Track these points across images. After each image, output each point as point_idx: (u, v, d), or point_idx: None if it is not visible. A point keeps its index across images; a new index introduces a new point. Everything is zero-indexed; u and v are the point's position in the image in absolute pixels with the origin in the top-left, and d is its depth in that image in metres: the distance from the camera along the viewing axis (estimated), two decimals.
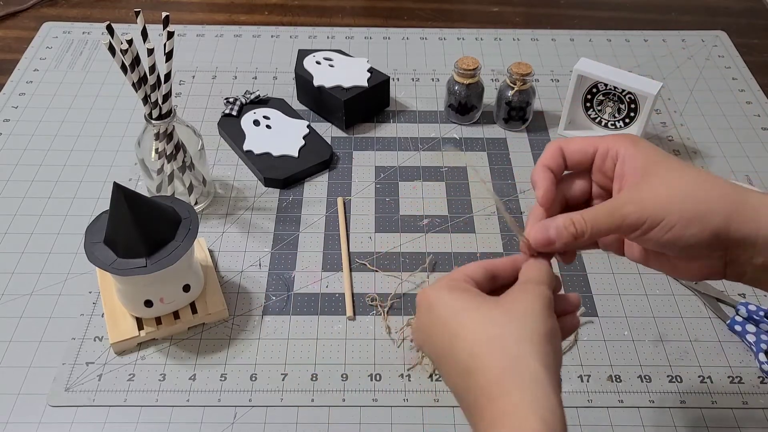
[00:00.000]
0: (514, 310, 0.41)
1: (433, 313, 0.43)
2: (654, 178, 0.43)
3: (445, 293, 0.43)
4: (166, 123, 0.71)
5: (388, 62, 1.02)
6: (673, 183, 0.43)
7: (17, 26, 1.09)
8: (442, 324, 0.42)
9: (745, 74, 1.01)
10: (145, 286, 0.63)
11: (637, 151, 0.44)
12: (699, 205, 0.42)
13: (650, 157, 0.44)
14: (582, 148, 0.47)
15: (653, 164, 0.44)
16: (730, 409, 0.63)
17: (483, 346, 0.40)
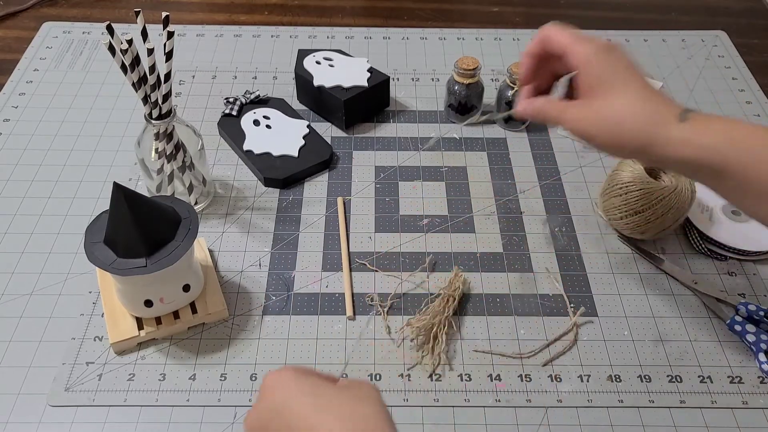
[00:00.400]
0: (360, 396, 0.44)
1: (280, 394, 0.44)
2: (594, 101, 0.53)
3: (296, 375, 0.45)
4: (166, 123, 0.71)
5: (388, 62, 1.02)
6: (605, 111, 0.53)
7: (17, 26, 1.09)
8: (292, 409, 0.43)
9: (745, 74, 1.01)
10: (145, 286, 0.63)
11: (587, 71, 0.54)
12: (621, 136, 0.52)
13: (598, 78, 0.53)
14: (557, 44, 0.56)
15: (597, 87, 0.53)
16: (730, 409, 0.63)
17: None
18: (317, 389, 0.43)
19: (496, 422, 0.62)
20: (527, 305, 0.71)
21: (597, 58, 0.53)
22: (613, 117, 0.52)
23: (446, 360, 0.66)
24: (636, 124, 0.52)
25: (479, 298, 0.71)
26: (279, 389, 0.43)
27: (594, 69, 0.53)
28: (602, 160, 0.87)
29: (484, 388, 0.64)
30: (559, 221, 0.79)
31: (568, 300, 0.71)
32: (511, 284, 0.73)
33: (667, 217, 0.72)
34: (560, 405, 0.63)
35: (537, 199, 0.82)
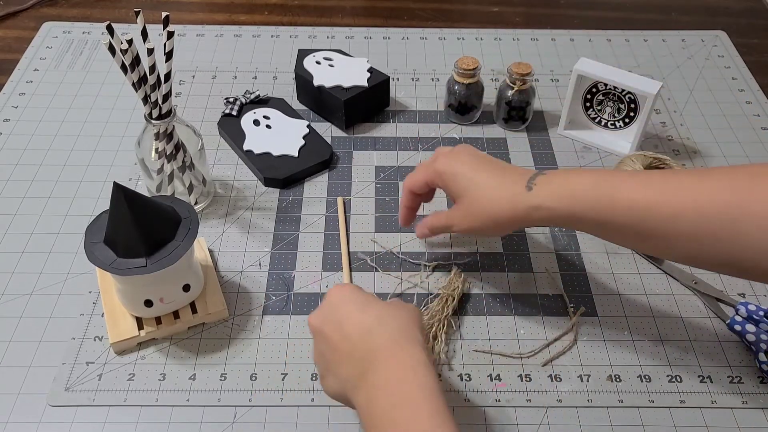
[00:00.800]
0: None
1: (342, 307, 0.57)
2: (462, 204, 0.63)
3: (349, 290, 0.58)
4: (166, 123, 0.71)
5: (388, 62, 1.02)
6: (473, 209, 0.62)
7: (17, 26, 1.09)
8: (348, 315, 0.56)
9: (745, 74, 1.01)
10: (145, 286, 0.63)
11: (446, 187, 0.65)
12: (494, 222, 0.61)
13: (454, 188, 0.63)
14: (417, 181, 0.67)
15: (459, 193, 0.63)
16: (730, 409, 0.63)
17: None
18: (366, 299, 0.56)
19: (496, 422, 0.62)
20: (527, 305, 0.71)
21: (447, 170, 0.64)
22: (480, 210, 0.61)
23: (446, 360, 0.66)
24: (502, 207, 0.60)
25: (479, 297, 0.71)
26: (337, 294, 0.56)
27: (450, 179, 0.63)
28: (602, 160, 0.87)
29: (484, 388, 0.64)
30: None
31: (568, 300, 0.71)
32: (511, 284, 0.73)
33: None
34: (560, 405, 0.63)
35: None
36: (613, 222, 0.55)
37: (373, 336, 0.52)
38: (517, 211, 0.59)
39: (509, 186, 0.60)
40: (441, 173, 0.64)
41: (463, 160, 0.63)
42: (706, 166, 0.86)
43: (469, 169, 0.63)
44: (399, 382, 0.50)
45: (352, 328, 0.53)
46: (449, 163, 0.64)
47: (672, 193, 0.53)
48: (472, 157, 0.64)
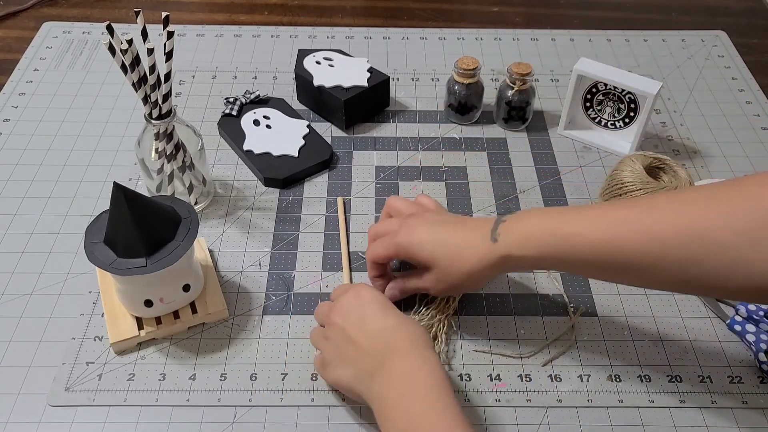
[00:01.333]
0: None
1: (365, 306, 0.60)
2: (432, 271, 0.63)
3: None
4: (166, 123, 0.71)
5: (388, 62, 1.02)
6: (450, 272, 0.61)
7: (17, 26, 1.09)
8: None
9: (745, 74, 1.01)
10: (145, 286, 0.63)
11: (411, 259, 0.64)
12: (475, 278, 0.61)
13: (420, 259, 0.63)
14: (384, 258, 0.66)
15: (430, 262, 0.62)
16: (730, 409, 0.63)
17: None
18: (388, 304, 0.59)
19: (496, 422, 0.62)
20: (527, 305, 0.71)
21: (408, 244, 0.63)
22: (453, 272, 0.61)
23: (446, 360, 0.66)
24: (471, 266, 0.60)
25: (479, 298, 0.71)
26: (364, 294, 0.60)
27: (414, 252, 0.63)
28: (602, 160, 0.87)
29: (484, 388, 0.64)
30: None
31: (568, 300, 0.71)
32: (511, 284, 0.73)
33: None
34: (560, 405, 0.63)
35: (537, 199, 0.82)
36: (577, 261, 0.56)
37: (392, 335, 0.56)
38: (489, 264, 0.59)
39: (474, 242, 0.60)
40: (404, 247, 0.63)
41: (421, 229, 0.63)
42: (707, 166, 0.86)
43: (430, 236, 0.62)
44: (414, 376, 0.53)
45: (373, 325, 0.57)
46: (408, 235, 0.63)
47: (627, 227, 0.54)
48: (429, 224, 0.64)
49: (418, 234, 0.63)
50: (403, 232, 0.64)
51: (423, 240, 0.63)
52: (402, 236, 0.64)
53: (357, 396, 0.57)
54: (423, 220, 0.64)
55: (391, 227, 0.66)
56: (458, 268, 0.61)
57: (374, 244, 0.67)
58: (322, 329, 0.62)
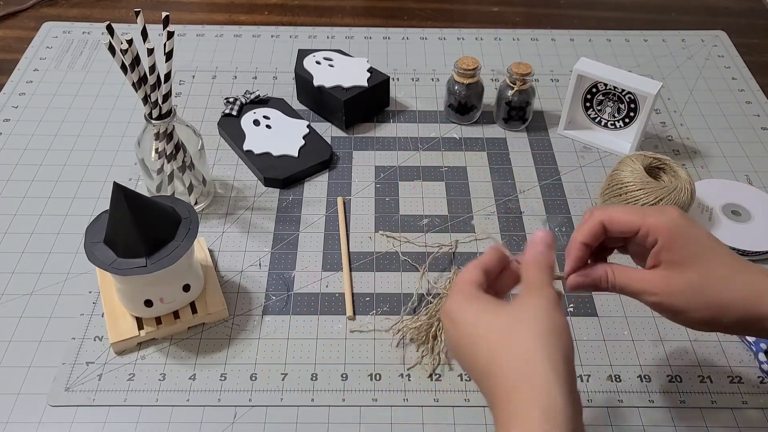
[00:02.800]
0: (523, 313, 0.46)
1: (457, 326, 0.47)
2: (682, 276, 0.49)
3: (463, 305, 0.48)
4: (166, 123, 0.71)
5: (388, 62, 1.02)
6: (697, 284, 0.48)
7: (17, 26, 1.09)
8: (466, 336, 0.47)
9: (745, 74, 1.01)
10: (145, 286, 0.63)
11: (673, 243, 0.49)
12: (717, 309, 0.48)
13: (685, 249, 0.49)
14: (626, 225, 0.51)
15: (686, 258, 0.49)
16: (729, 409, 0.63)
17: (498, 351, 0.44)
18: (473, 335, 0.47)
19: None
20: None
21: (681, 229, 0.49)
22: (710, 289, 0.48)
23: (446, 360, 0.66)
24: (736, 295, 0.48)
25: None
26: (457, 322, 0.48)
27: (681, 238, 0.49)
28: (602, 160, 0.87)
29: None
30: (559, 221, 0.79)
31: (568, 300, 0.71)
32: None
33: None
34: None
35: (537, 199, 0.82)
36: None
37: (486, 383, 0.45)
38: (759, 309, 0.48)
39: (754, 276, 0.49)
40: (671, 227, 0.49)
41: (699, 226, 0.51)
42: (707, 166, 0.86)
43: (707, 237, 0.50)
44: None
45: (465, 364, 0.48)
46: (685, 221, 0.50)
47: None
48: (705, 229, 0.51)
49: (693, 224, 0.50)
50: (671, 211, 0.50)
51: (696, 234, 0.50)
52: (670, 212, 0.50)
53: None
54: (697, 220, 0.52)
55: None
56: (715, 290, 0.48)
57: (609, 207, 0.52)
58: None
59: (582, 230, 0.51)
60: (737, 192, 0.81)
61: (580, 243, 0.51)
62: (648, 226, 0.50)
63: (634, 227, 0.50)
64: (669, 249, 0.49)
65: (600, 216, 0.51)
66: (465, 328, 0.47)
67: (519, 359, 0.43)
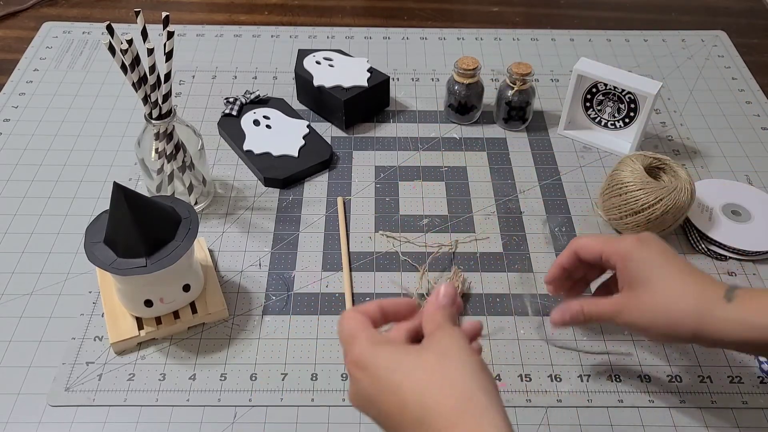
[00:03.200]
0: (446, 352, 0.43)
1: (370, 373, 0.43)
2: (640, 296, 0.55)
3: (376, 350, 0.44)
4: (166, 123, 0.71)
5: (388, 62, 1.02)
6: (651, 302, 0.54)
7: (17, 26, 1.09)
8: (383, 382, 0.43)
9: (745, 74, 1.01)
10: (145, 286, 0.63)
11: (626, 267, 0.56)
12: (672, 324, 0.53)
13: (638, 270, 0.55)
14: (591, 251, 0.59)
15: (639, 279, 0.55)
16: (729, 409, 0.63)
17: (430, 391, 0.41)
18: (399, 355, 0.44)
19: None
20: (527, 305, 0.71)
21: (634, 253, 0.56)
22: (661, 306, 0.54)
23: None
24: (685, 309, 0.53)
25: (479, 298, 0.71)
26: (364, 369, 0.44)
27: (633, 263, 0.56)
28: (602, 160, 0.87)
29: None
30: (559, 221, 0.79)
31: None
32: (511, 284, 0.73)
33: (666, 217, 0.72)
34: (560, 405, 0.63)
35: (537, 199, 0.82)
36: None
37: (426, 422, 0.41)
38: (707, 320, 0.52)
39: (702, 289, 0.53)
40: (624, 253, 0.56)
41: (652, 248, 0.56)
42: (707, 166, 0.86)
43: (659, 258, 0.55)
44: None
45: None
46: (637, 246, 0.56)
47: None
48: (663, 248, 0.57)
49: (646, 250, 0.56)
50: (630, 241, 0.57)
51: (648, 258, 0.55)
52: (628, 243, 0.57)
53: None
54: (657, 241, 0.57)
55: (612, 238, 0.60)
56: (667, 306, 0.54)
57: (588, 236, 0.61)
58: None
59: (561, 256, 0.61)
60: (737, 192, 0.81)
61: (558, 264, 0.61)
62: (608, 252, 0.57)
63: (597, 252, 0.58)
64: (623, 272, 0.56)
65: (574, 244, 0.60)
66: (384, 376, 0.43)
67: (457, 398, 0.40)
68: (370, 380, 0.43)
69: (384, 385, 0.42)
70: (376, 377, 0.43)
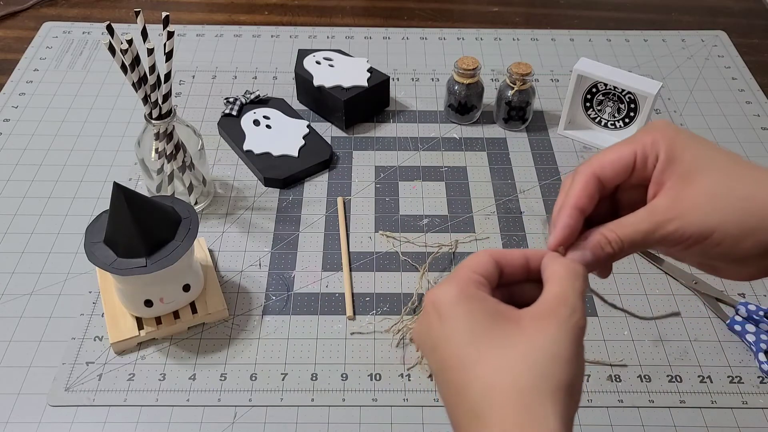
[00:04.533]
0: (540, 348, 0.35)
1: (446, 327, 0.36)
2: (698, 183, 0.38)
3: (460, 304, 0.36)
4: (166, 123, 0.71)
5: (388, 62, 1.02)
6: (720, 190, 0.37)
7: (17, 26, 1.09)
8: (454, 345, 0.36)
9: (745, 74, 1.01)
10: (145, 286, 0.63)
11: (676, 149, 0.39)
12: (751, 217, 0.37)
13: (692, 151, 0.39)
14: (621, 160, 0.40)
15: (698, 161, 0.38)
16: (729, 409, 0.63)
17: (499, 391, 0.34)
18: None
19: None
20: None
21: (681, 133, 0.40)
22: (735, 193, 0.37)
23: None
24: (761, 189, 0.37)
25: None
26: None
27: (684, 142, 0.39)
28: None
29: None
30: None
31: None
32: None
33: None
34: None
35: (537, 199, 0.82)
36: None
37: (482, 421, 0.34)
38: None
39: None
40: (666, 132, 0.40)
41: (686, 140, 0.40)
42: None
43: (709, 142, 0.40)
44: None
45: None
46: (672, 124, 0.41)
47: None
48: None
49: (693, 136, 0.40)
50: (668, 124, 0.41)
51: (690, 136, 0.40)
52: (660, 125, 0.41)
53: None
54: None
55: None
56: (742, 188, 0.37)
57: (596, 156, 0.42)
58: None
59: (574, 191, 0.40)
60: None
61: (573, 209, 0.40)
62: (644, 145, 0.40)
63: (630, 157, 0.40)
64: (674, 159, 0.39)
65: (589, 168, 0.40)
66: (457, 337, 0.36)
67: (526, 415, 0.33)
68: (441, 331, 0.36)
69: (453, 349, 0.36)
70: (448, 335, 0.36)
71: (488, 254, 0.39)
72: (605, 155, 0.41)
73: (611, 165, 0.40)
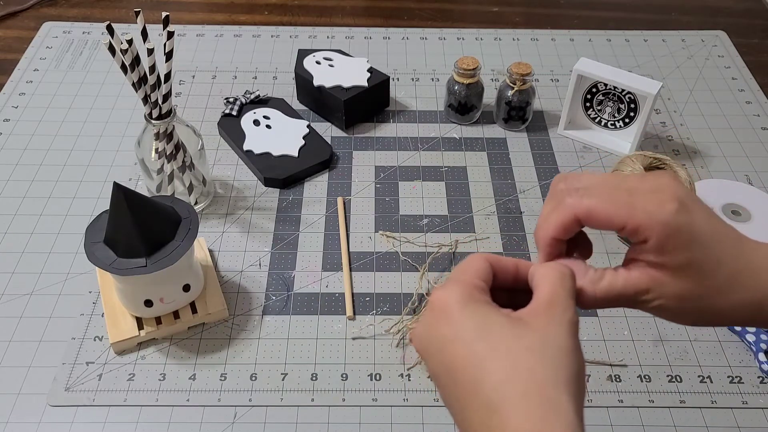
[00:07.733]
0: (546, 341, 0.36)
1: (454, 326, 0.37)
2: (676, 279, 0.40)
3: (467, 304, 0.37)
4: (166, 123, 0.71)
5: (388, 62, 1.02)
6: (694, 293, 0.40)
7: (17, 26, 1.09)
8: (464, 343, 0.36)
9: (745, 74, 1.01)
10: (145, 286, 0.63)
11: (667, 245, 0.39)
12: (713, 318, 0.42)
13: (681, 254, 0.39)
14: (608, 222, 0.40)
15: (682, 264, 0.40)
16: (729, 409, 0.63)
17: (516, 384, 0.35)
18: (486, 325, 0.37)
19: None
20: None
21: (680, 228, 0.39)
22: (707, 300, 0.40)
23: None
24: (736, 302, 0.40)
25: None
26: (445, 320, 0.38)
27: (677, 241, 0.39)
28: (602, 160, 0.87)
29: None
30: None
31: None
32: None
33: None
34: None
35: (537, 199, 0.82)
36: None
37: (498, 415, 0.35)
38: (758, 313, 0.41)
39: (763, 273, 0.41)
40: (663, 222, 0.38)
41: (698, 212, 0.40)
42: (707, 166, 0.86)
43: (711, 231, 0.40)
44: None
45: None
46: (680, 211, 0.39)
47: None
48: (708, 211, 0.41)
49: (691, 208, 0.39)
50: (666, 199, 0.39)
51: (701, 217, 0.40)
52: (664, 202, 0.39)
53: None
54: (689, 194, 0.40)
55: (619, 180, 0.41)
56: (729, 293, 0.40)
57: (585, 194, 0.40)
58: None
59: (553, 222, 0.41)
60: (737, 192, 0.81)
61: (552, 239, 0.41)
62: (637, 223, 0.39)
63: (618, 223, 0.39)
64: (662, 251, 0.39)
65: (574, 209, 0.40)
66: (467, 334, 0.36)
67: (545, 406, 0.34)
68: (450, 331, 0.37)
69: (462, 347, 0.36)
70: (457, 333, 0.37)
71: (485, 259, 0.40)
72: (599, 206, 0.40)
73: (598, 220, 0.40)
